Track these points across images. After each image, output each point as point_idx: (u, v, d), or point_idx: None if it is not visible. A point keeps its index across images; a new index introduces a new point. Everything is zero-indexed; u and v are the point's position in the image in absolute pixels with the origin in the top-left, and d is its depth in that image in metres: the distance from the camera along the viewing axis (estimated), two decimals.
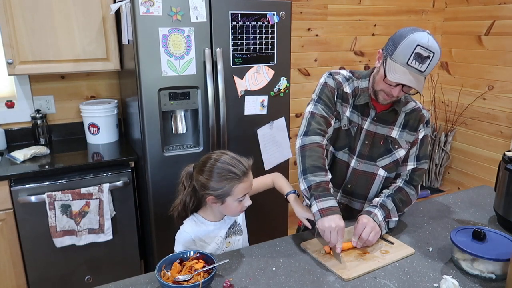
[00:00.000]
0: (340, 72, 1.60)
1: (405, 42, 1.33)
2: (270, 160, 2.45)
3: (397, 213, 1.53)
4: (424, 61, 1.32)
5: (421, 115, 1.58)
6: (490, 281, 1.24)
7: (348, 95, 1.56)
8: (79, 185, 2.13)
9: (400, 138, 1.56)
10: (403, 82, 1.36)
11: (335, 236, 1.33)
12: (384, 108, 1.55)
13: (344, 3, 3.18)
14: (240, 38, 2.19)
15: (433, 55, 1.32)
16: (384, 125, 1.56)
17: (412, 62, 1.33)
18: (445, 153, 3.72)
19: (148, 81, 2.05)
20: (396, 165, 1.59)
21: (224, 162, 1.37)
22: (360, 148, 1.57)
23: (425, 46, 1.31)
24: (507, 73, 3.21)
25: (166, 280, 1.18)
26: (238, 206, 1.40)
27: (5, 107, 2.50)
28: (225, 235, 1.49)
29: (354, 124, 1.56)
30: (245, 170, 1.38)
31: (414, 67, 1.33)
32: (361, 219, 1.45)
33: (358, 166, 1.59)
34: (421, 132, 1.58)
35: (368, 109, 1.55)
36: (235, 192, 1.36)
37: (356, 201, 1.65)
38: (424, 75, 1.36)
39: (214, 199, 1.38)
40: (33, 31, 2.18)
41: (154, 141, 2.14)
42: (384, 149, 1.57)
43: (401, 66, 1.34)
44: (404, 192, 1.57)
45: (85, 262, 2.25)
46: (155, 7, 1.97)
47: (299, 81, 3.16)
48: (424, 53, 1.32)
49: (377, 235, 1.43)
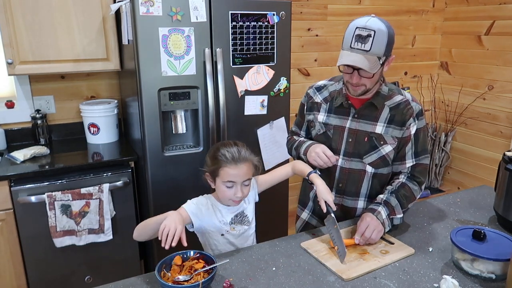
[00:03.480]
0: (316, 84, 1.72)
1: (347, 30, 1.43)
2: (270, 160, 2.45)
3: (401, 210, 1.53)
4: (366, 40, 1.38)
5: (408, 108, 1.54)
6: (490, 281, 1.24)
7: (319, 104, 1.67)
8: (79, 185, 2.13)
9: (386, 133, 1.55)
10: (346, 63, 1.43)
11: (323, 156, 1.52)
12: (361, 103, 1.56)
13: (344, 3, 3.18)
14: (240, 38, 2.19)
15: (374, 33, 1.38)
16: (367, 121, 1.56)
17: (355, 44, 1.40)
18: (445, 153, 3.72)
19: (148, 81, 2.05)
20: (383, 161, 1.58)
21: (224, 146, 1.46)
22: (345, 147, 1.59)
23: (362, 27, 1.39)
24: (507, 73, 3.21)
25: (166, 280, 1.18)
26: (226, 191, 1.43)
27: (5, 107, 2.50)
28: (230, 221, 1.50)
29: (330, 126, 1.62)
30: (236, 158, 1.42)
31: (357, 48, 1.40)
32: (365, 217, 1.46)
33: (345, 164, 1.60)
34: (412, 127, 1.54)
35: (348, 108, 1.58)
36: (221, 174, 1.43)
37: (349, 199, 1.65)
38: (373, 54, 1.40)
39: (208, 176, 1.48)
40: (33, 31, 2.18)
41: (154, 141, 2.14)
42: (369, 146, 1.57)
43: (346, 51, 1.43)
44: (408, 187, 1.56)
45: (85, 262, 2.25)
46: (155, 7, 1.97)
47: (299, 81, 3.16)
48: (364, 33, 1.38)
49: (379, 233, 1.44)
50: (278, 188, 2.49)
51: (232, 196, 1.44)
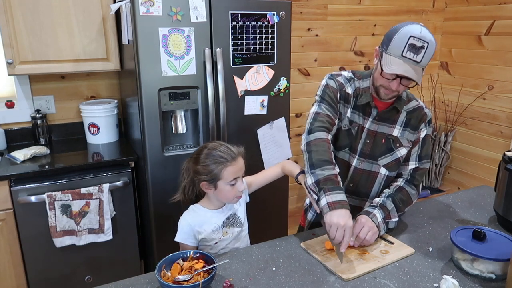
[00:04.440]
0: (342, 73, 1.61)
1: (398, 35, 1.35)
2: (270, 160, 2.45)
3: (397, 214, 1.53)
4: (419, 51, 1.34)
5: (423, 114, 1.58)
6: (490, 281, 1.24)
7: (349, 96, 1.57)
8: (79, 185, 2.13)
9: (402, 137, 1.56)
10: (398, 72, 1.37)
11: (340, 234, 1.31)
12: (385, 107, 1.55)
13: (344, 3, 3.18)
14: (240, 38, 2.19)
15: (427, 45, 1.33)
16: (386, 124, 1.56)
17: (407, 53, 1.34)
18: (445, 153, 3.72)
19: (148, 81, 2.05)
20: (398, 163, 1.59)
21: (214, 149, 1.46)
22: (362, 147, 1.58)
23: (418, 37, 1.33)
24: (507, 73, 3.21)
25: (166, 280, 1.18)
26: (231, 190, 1.45)
27: (5, 107, 2.50)
28: (222, 224, 1.51)
29: (355, 124, 1.57)
30: (234, 155, 1.45)
31: (409, 58, 1.34)
32: (360, 218, 1.46)
33: (360, 165, 1.59)
34: (422, 131, 1.59)
35: (370, 109, 1.56)
36: (225, 175, 1.42)
37: (358, 199, 1.65)
38: (421, 66, 1.36)
39: (207, 184, 1.45)
40: (33, 31, 2.18)
41: (154, 141, 2.13)
42: (385, 148, 1.57)
43: (396, 58, 1.36)
44: (405, 191, 1.57)
45: (85, 262, 2.25)
46: (155, 7, 1.97)
47: (299, 81, 3.16)
48: (418, 44, 1.33)
49: (374, 235, 1.44)
50: (278, 188, 2.51)
51: (236, 193, 1.46)
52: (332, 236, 1.33)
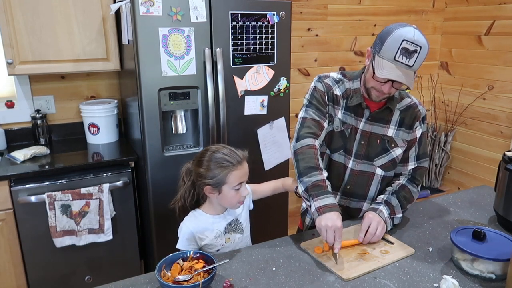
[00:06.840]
0: (330, 75, 1.61)
1: (391, 38, 1.33)
2: (270, 160, 2.45)
3: (401, 210, 1.55)
4: (412, 56, 1.32)
5: (417, 111, 1.58)
6: (490, 281, 1.24)
7: (338, 98, 1.57)
8: (79, 185, 2.13)
9: (397, 137, 1.56)
10: (391, 77, 1.36)
11: (331, 236, 1.33)
12: (377, 107, 1.55)
13: (344, 3, 3.18)
14: (240, 38, 2.19)
15: (420, 49, 1.32)
16: (380, 124, 1.56)
17: (399, 57, 1.33)
18: (445, 153, 3.72)
19: (148, 81, 2.05)
20: (394, 164, 1.59)
21: (219, 152, 1.43)
22: (357, 149, 1.57)
23: (411, 41, 1.31)
24: (507, 73, 3.21)
25: (166, 280, 1.18)
26: (235, 195, 1.43)
27: (5, 107, 2.50)
28: (224, 230, 1.50)
29: (348, 125, 1.57)
30: (239, 159, 1.43)
31: (402, 62, 1.33)
32: (367, 214, 1.47)
33: (355, 166, 1.59)
34: (418, 130, 1.58)
35: (362, 109, 1.55)
36: (230, 179, 1.40)
37: (355, 201, 1.66)
38: (413, 70, 1.36)
39: (211, 189, 1.42)
40: (33, 31, 2.18)
41: (154, 141, 2.14)
42: (380, 148, 1.57)
43: (388, 62, 1.35)
44: (407, 189, 1.58)
45: (85, 262, 2.25)
46: (155, 7, 1.97)
47: (299, 81, 3.16)
48: (411, 48, 1.31)
49: (383, 230, 1.45)
50: None
51: (240, 198, 1.44)
52: (324, 238, 1.36)
